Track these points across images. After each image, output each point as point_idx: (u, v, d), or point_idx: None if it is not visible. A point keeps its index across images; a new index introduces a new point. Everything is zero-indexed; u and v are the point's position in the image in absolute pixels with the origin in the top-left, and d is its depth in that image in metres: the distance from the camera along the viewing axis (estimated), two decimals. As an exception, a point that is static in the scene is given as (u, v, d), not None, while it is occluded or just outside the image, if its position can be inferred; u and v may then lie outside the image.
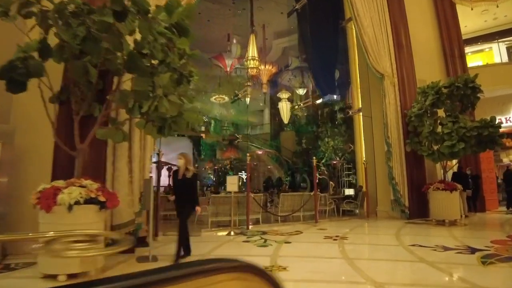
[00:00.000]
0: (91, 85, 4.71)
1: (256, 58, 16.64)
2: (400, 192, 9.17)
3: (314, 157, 8.98)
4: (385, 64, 9.64)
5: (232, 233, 7.22)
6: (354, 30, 10.63)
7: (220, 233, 7.38)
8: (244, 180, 25.20)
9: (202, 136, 24.47)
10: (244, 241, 6.36)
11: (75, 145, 5.42)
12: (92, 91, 4.80)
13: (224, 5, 19.81)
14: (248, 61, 16.51)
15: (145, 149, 5.99)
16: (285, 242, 6.11)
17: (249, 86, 24.23)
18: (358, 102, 12.16)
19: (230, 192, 7.59)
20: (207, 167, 22.85)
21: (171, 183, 5.22)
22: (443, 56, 11.72)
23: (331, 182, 10.18)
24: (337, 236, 6.66)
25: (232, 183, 7.51)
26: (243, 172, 25.77)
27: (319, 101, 19.16)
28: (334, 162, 14.44)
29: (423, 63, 10.75)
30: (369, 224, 8.78)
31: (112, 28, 3.90)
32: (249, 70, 16.56)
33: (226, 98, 27.21)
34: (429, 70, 10.84)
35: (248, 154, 7.86)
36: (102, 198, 4.10)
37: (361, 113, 11.31)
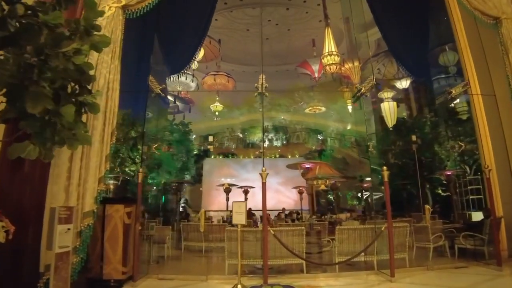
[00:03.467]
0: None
1: (334, 53, 13.81)
2: None
3: (384, 167, 5.64)
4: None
5: (239, 287, 4.82)
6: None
7: (226, 286, 5.07)
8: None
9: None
10: (232, 310, 3.92)
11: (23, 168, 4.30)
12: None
13: (298, 8, 17.75)
14: (325, 58, 13.83)
15: (87, 169, 4.43)
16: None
17: (345, 90, 21.11)
18: (472, 78, 7.87)
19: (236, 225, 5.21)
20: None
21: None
22: None
23: (426, 206, 6.43)
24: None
25: (238, 211, 5.11)
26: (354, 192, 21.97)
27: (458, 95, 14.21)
28: (448, 173, 9.88)
29: None
30: (495, 284, 4.80)
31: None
32: (327, 68, 13.86)
33: (323, 109, 24.69)
34: None
35: (262, 170, 5.31)
36: None
37: (472, 92, 7.10)
